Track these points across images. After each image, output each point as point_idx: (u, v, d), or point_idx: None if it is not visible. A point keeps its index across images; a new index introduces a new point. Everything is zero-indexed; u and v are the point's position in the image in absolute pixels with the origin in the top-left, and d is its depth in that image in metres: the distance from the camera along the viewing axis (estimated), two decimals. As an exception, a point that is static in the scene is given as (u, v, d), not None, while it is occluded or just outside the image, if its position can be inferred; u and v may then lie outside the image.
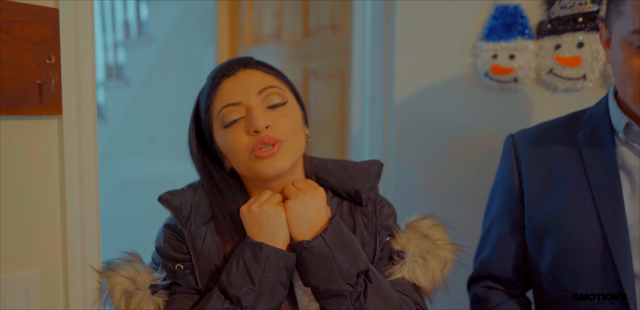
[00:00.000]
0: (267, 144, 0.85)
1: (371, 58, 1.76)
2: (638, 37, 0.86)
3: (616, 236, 0.92)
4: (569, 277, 0.96)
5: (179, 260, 0.89)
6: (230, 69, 0.91)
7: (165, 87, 2.95)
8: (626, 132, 0.95)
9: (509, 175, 1.08)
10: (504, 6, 1.41)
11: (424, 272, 0.92)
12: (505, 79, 1.41)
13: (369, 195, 0.94)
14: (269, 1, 2.40)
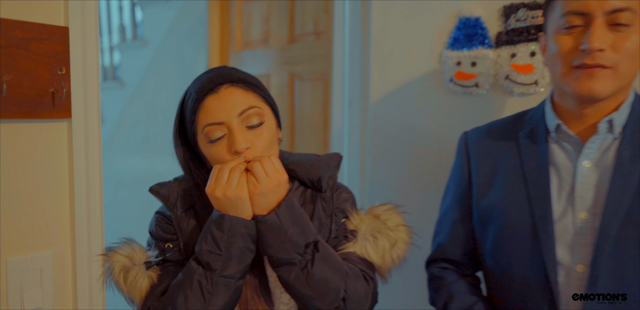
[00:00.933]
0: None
1: (350, 64, 1.89)
2: (565, 19, 0.96)
3: (543, 226, 1.00)
4: (506, 258, 1.06)
5: (168, 239, 1.02)
6: (214, 86, 0.98)
7: (160, 89, 3.05)
8: (557, 132, 1.04)
9: (460, 170, 1.18)
10: (467, 18, 1.55)
11: (374, 249, 1.01)
12: (467, 84, 1.55)
13: (328, 182, 1.05)
14: (257, 8, 2.52)
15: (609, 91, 0.96)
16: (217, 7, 2.68)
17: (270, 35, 2.46)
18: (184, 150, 1.05)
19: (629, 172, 0.96)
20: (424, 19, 1.61)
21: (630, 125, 1.00)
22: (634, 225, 0.94)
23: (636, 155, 0.97)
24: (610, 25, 0.94)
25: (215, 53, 2.67)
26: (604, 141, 1.01)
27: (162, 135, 2.99)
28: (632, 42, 0.94)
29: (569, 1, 0.96)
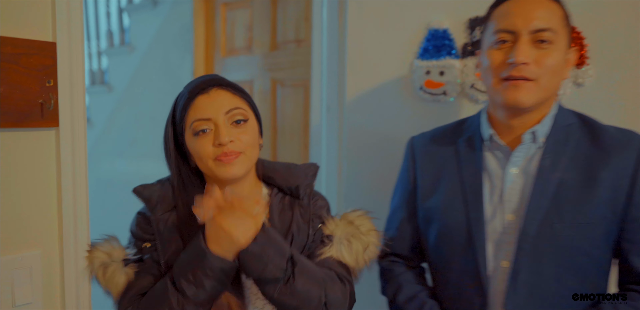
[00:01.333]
0: (228, 156, 1.03)
1: (327, 71, 1.98)
2: (497, 36, 1.08)
3: (476, 226, 1.11)
4: (445, 254, 1.16)
5: (147, 239, 1.07)
6: (205, 87, 1.06)
7: (147, 94, 3.11)
8: (490, 141, 1.14)
9: (407, 174, 1.28)
10: (435, 30, 1.65)
11: (349, 252, 1.10)
12: (436, 92, 1.64)
13: (305, 190, 1.13)
14: (240, 16, 2.61)
15: (532, 101, 1.06)
16: (202, 15, 2.75)
17: (254, 42, 2.55)
18: (174, 148, 1.11)
19: (548, 179, 1.07)
20: (396, 30, 1.70)
21: (552, 136, 1.10)
22: (550, 227, 1.05)
23: (555, 164, 1.08)
24: (535, 42, 1.05)
25: (200, 59, 2.74)
26: (529, 150, 1.11)
27: (149, 139, 3.06)
28: (553, 59, 1.05)
29: (500, 21, 1.08)
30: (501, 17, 1.09)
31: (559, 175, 1.07)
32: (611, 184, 1.06)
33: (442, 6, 1.63)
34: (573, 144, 1.10)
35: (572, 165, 1.08)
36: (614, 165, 1.06)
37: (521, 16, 1.05)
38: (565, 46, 1.09)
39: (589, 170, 1.07)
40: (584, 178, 1.07)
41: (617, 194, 1.06)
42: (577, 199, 1.06)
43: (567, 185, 1.07)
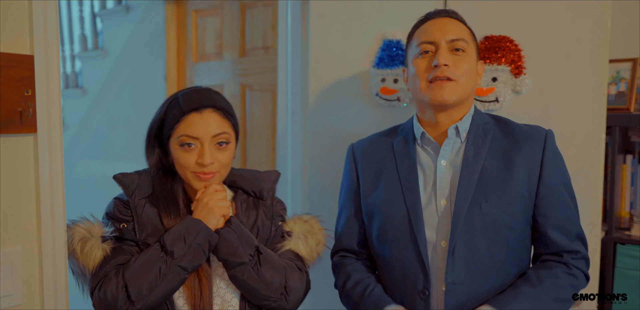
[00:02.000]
0: (207, 174, 1.19)
1: (292, 77, 2.10)
2: (420, 48, 1.28)
3: (414, 213, 1.25)
4: (388, 242, 1.29)
5: (124, 220, 1.21)
6: (200, 107, 1.19)
7: (120, 97, 3.18)
8: (422, 138, 1.31)
9: (350, 174, 1.42)
10: (390, 41, 1.78)
11: (305, 246, 1.29)
12: (390, 98, 1.78)
13: (268, 193, 1.32)
14: (211, 23, 2.71)
15: (455, 98, 1.25)
16: (174, 21, 2.84)
17: (224, 49, 2.65)
18: (158, 144, 1.25)
19: (473, 167, 1.24)
20: (354, 40, 1.82)
21: (472, 131, 1.29)
22: (479, 207, 1.21)
23: (477, 155, 1.26)
24: (451, 50, 1.26)
25: (172, 64, 2.83)
26: (455, 145, 1.29)
27: (123, 141, 3.13)
28: (467, 63, 1.26)
29: (422, 35, 1.29)
30: (422, 34, 1.30)
31: (481, 163, 1.24)
32: (525, 168, 1.24)
33: (395, 19, 1.76)
34: (490, 137, 1.28)
35: (492, 155, 1.26)
36: (526, 153, 1.25)
37: (438, 30, 1.27)
38: (476, 57, 1.30)
39: (506, 157, 1.25)
40: (503, 164, 1.24)
41: (531, 175, 1.24)
42: (498, 182, 1.23)
43: (489, 171, 1.24)
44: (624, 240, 1.90)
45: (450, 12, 1.33)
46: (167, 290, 1.15)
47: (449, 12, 1.33)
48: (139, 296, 1.12)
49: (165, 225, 1.21)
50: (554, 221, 1.24)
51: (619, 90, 1.98)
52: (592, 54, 1.52)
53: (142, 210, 1.22)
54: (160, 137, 1.25)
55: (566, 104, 1.56)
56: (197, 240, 1.15)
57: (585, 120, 1.54)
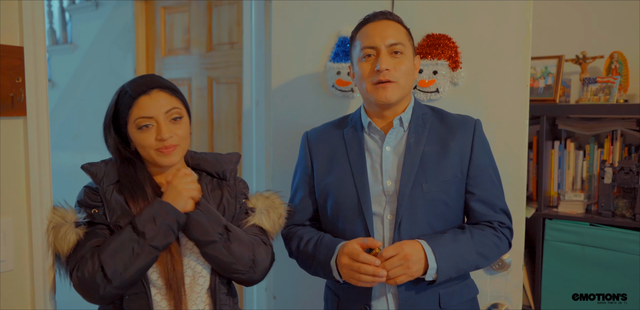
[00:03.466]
0: (168, 148, 1.28)
1: (256, 70, 2.26)
2: (363, 52, 1.41)
3: (362, 192, 1.40)
4: (340, 219, 1.43)
5: (94, 206, 1.29)
6: (147, 89, 1.27)
7: (90, 90, 3.25)
8: (369, 127, 1.46)
9: (304, 159, 1.56)
10: (344, 37, 1.94)
11: (268, 220, 1.41)
12: (345, 89, 1.95)
13: (230, 173, 1.42)
14: (179, 19, 2.83)
15: (397, 97, 1.40)
16: (143, 16, 2.95)
17: (192, 44, 2.78)
18: (115, 135, 1.35)
19: (415, 152, 1.41)
20: (313, 36, 1.98)
21: (413, 121, 1.45)
22: (420, 187, 1.39)
23: (418, 141, 1.42)
24: (391, 53, 1.40)
25: (141, 58, 2.94)
26: (398, 133, 1.45)
27: (92, 133, 3.20)
28: (405, 64, 1.40)
29: (363, 40, 1.43)
30: (363, 37, 1.43)
31: (421, 149, 1.41)
32: (458, 151, 1.41)
33: (350, 17, 1.93)
34: (428, 126, 1.45)
35: (430, 141, 1.42)
36: (458, 138, 1.42)
37: (378, 35, 1.40)
38: (412, 55, 1.44)
39: (442, 143, 1.41)
40: (440, 149, 1.41)
41: (463, 158, 1.41)
42: (436, 164, 1.39)
43: (428, 155, 1.40)
44: (551, 216, 2.15)
45: (388, 14, 1.45)
46: (140, 268, 1.23)
47: (386, 14, 1.45)
48: (114, 274, 1.20)
49: (132, 210, 1.28)
50: (481, 197, 1.42)
51: (547, 84, 2.22)
52: (517, 50, 1.74)
53: (110, 196, 1.30)
54: (117, 127, 1.32)
55: (495, 94, 1.77)
56: (166, 221, 1.23)
57: (512, 109, 1.75)
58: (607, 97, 2.09)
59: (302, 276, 1.68)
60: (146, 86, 1.30)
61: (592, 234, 2.05)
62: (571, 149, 2.24)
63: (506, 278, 1.78)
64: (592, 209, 2.18)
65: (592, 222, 2.07)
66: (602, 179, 2.07)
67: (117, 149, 1.36)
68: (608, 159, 2.15)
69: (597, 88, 2.12)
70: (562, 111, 2.17)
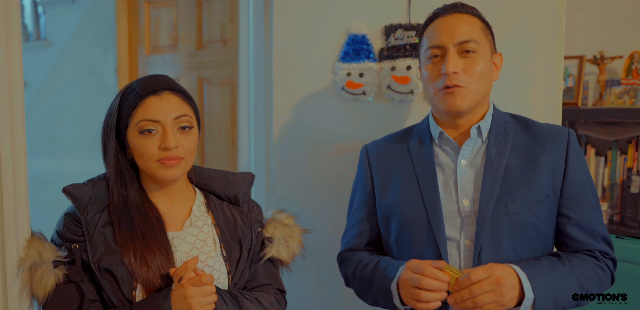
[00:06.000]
0: (172, 160, 1.10)
1: (254, 71, 2.07)
2: (429, 52, 1.24)
3: (433, 212, 1.21)
4: (407, 244, 1.25)
5: (75, 241, 1.09)
6: (158, 89, 1.10)
7: (67, 91, 3.04)
8: (439, 138, 1.27)
9: (364, 176, 1.37)
10: (355, 35, 1.79)
11: (286, 250, 1.25)
12: (356, 92, 1.79)
13: (244, 198, 1.25)
14: (165, 15, 2.64)
15: (467, 105, 1.21)
16: (125, 11, 2.75)
17: (179, 41, 2.59)
18: (116, 141, 1.14)
19: (497, 166, 1.21)
20: (319, 34, 1.82)
21: (494, 130, 1.25)
22: (504, 207, 1.19)
23: (500, 154, 1.23)
24: (461, 53, 1.21)
25: (124, 56, 2.74)
26: (475, 144, 1.26)
27: (71, 137, 3.01)
28: (479, 65, 1.21)
29: (430, 39, 1.25)
30: (431, 35, 1.25)
31: (505, 162, 1.21)
32: (549, 166, 1.21)
33: (360, 13, 1.78)
34: (512, 136, 1.25)
35: (515, 154, 1.23)
36: (550, 151, 1.22)
37: (446, 32, 1.21)
38: (490, 52, 1.25)
39: (530, 156, 1.22)
40: (527, 163, 1.21)
41: (556, 174, 1.21)
42: (523, 180, 1.20)
43: (513, 170, 1.21)
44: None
45: (460, 6, 1.26)
46: None
47: (458, 6, 1.26)
48: None
49: (118, 243, 1.09)
50: (579, 221, 1.21)
51: (567, 86, 2.09)
52: (548, 50, 1.60)
53: (94, 228, 1.10)
54: (117, 130, 1.14)
55: (525, 98, 1.63)
56: None
57: (543, 114, 1.61)
58: (633, 100, 1.96)
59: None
60: (157, 86, 1.12)
61: (618, 247, 1.91)
62: (591, 155, 2.12)
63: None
64: (615, 220, 2.05)
65: (618, 234, 1.94)
66: (629, 188, 1.95)
67: (116, 159, 1.15)
68: (633, 167, 2.03)
69: (622, 90, 1.99)
70: (584, 115, 2.04)
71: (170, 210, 1.20)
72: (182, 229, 1.18)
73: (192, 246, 1.17)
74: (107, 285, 1.08)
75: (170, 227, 1.18)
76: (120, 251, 1.09)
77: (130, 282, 1.08)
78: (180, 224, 1.19)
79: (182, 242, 1.16)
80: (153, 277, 1.08)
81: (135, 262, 1.08)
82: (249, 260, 1.22)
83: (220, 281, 1.18)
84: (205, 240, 1.19)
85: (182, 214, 1.21)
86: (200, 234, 1.19)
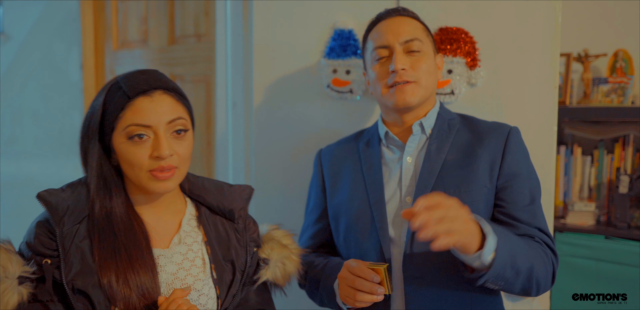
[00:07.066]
0: (165, 170, 0.97)
1: (232, 67, 1.96)
2: (376, 53, 1.26)
3: (378, 212, 1.22)
4: (353, 243, 1.25)
5: (47, 255, 0.95)
6: (149, 89, 0.97)
7: (27, 88, 2.85)
8: (385, 138, 1.30)
9: (316, 177, 1.41)
10: (341, 30, 1.70)
11: (282, 274, 1.15)
12: (343, 90, 1.71)
13: (240, 214, 1.14)
14: (134, 7, 2.48)
15: (418, 99, 1.23)
16: (90, 3, 2.58)
17: (150, 36, 2.44)
18: (99, 146, 1.01)
19: (435, 160, 1.22)
20: (303, 28, 1.73)
21: (437, 126, 1.28)
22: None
23: (440, 148, 1.24)
24: (407, 52, 1.24)
25: (89, 51, 2.57)
26: (420, 141, 1.27)
27: (31, 137, 2.82)
28: (425, 63, 1.24)
29: (375, 40, 1.27)
30: (375, 37, 1.27)
31: (443, 157, 1.23)
32: (487, 159, 1.21)
33: (347, 7, 1.69)
34: (454, 132, 1.27)
35: (455, 149, 1.24)
36: (488, 144, 1.23)
37: (391, 33, 1.24)
38: (433, 53, 1.29)
39: (469, 150, 1.23)
40: (465, 157, 1.23)
41: (493, 166, 1.21)
42: (459, 174, 1.20)
43: (450, 164, 1.22)
44: (560, 228, 1.98)
45: (401, 9, 1.30)
46: None
47: (399, 10, 1.30)
48: None
49: (97, 262, 0.96)
50: (511, 210, 1.19)
51: (555, 84, 2.05)
52: (544, 47, 1.54)
53: (71, 242, 0.96)
54: (100, 133, 1.00)
55: (519, 97, 1.57)
56: None
57: (538, 114, 1.56)
58: (621, 98, 1.93)
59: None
60: (148, 85, 0.98)
61: (607, 248, 1.89)
62: (578, 155, 2.08)
63: (531, 305, 1.58)
64: (602, 220, 2.03)
65: (607, 235, 1.91)
66: (617, 189, 1.92)
67: (99, 165, 1.01)
68: (620, 166, 2.00)
69: (609, 89, 1.96)
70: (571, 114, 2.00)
71: (157, 223, 1.07)
72: (169, 247, 1.06)
73: (179, 267, 1.05)
74: (80, 307, 0.95)
75: (157, 243, 1.05)
76: (99, 271, 0.96)
77: (107, 307, 0.95)
78: (167, 241, 1.07)
79: (169, 261, 1.04)
80: (135, 301, 0.95)
81: (117, 284, 0.95)
82: (241, 284, 1.11)
83: (209, 306, 1.06)
84: (194, 260, 1.07)
85: (170, 228, 1.08)
86: (189, 252, 1.07)
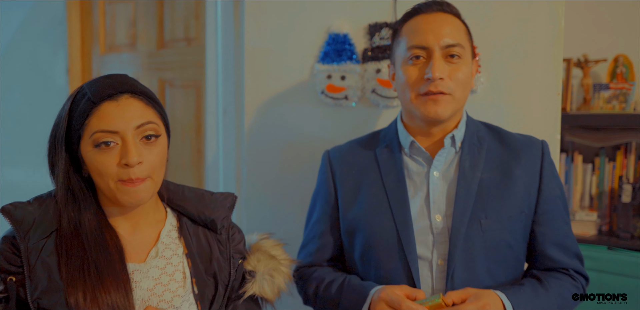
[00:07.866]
0: (134, 182, 0.91)
1: (223, 73, 1.90)
2: (411, 53, 1.14)
3: (404, 228, 1.13)
4: (374, 261, 1.16)
5: (11, 272, 0.91)
6: (114, 93, 0.92)
7: (10, 93, 2.77)
8: (410, 148, 1.20)
9: (326, 185, 1.28)
10: (336, 34, 1.64)
11: (271, 287, 1.06)
12: (338, 96, 1.64)
13: (223, 223, 1.06)
14: (122, 10, 2.41)
15: (450, 113, 1.14)
16: (77, 6, 2.51)
17: (138, 39, 2.37)
18: (67, 155, 0.95)
19: (471, 179, 1.14)
20: (296, 33, 1.67)
21: (467, 140, 1.19)
22: (478, 223, 1.11)
23: (474, 166, 1.16)
24: (446, 57, 1.12)
25: (75, 55, 2.50)
26: (449, 155, 1.18)
27: (14, 144, 2.73)
28: (463, 72, 1.13)
29: (412, 37, 1.14)
30: (412, 33, 1.14)
31: (479, 175, 1.14)
32: (524, 180, 1.15)
33: (341, 11, 1.63)
34: (486, 146, 1.18)
35: (489, 166, 1.16)
36: (524, 164, 1.16)
37: (432, 32, 1.11)
38: (471, 59, 1.18)
39: (504, 169, 1.16)
40: (501, 176, 1.15)
41: (530, 189, 1.15)
42: (498, 195, 1.13)
43: (488, 183, 1.14)
44: (561, 239, 1.93)
45: (445, 4, 1.17)
46: None
47: (442, 5, 1.17)
48: None
49: (65, 279, 0.90)
50: (553, 238, 1.16)
51: (555, 91, 2.00)
52: (546, 52, 1.49)
53: (37, 258, 0.91)
54: (68, 143, 0.95)
55: (521, 103, 1.52)
56: None
57: (540, 121, 1.51)
58: (623, 105, 1.88)
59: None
60: (113, 89, 0.93)
61: (610, 259, 1.83)
62: (579, 163, 2.03)
63: None
64: (604, 230, 1.97)
65: (610, 246, 1.86)
66: (620, 197, 1.86)
67: (67, 176, 0.96)
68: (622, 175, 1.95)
69: (610, 95, 1.92)
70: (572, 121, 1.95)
71: (133, 236, 1.00)
72: (145, 261, 0.99)
73: (156, 282, 0.98)
74: None
75: (132, 257, 0.98)
76: (66, 288, 0.89)
77: None
78: (144, 254, 1.00)
79: (145, 276, 0.97)
80: None
81: (85, 302, 0.89)
82: (225, 299, 1.04)
83: None
84: (173, 274, 1.00)
85: (147, 240, 1.01)
86: (167, 266, 1.00)
